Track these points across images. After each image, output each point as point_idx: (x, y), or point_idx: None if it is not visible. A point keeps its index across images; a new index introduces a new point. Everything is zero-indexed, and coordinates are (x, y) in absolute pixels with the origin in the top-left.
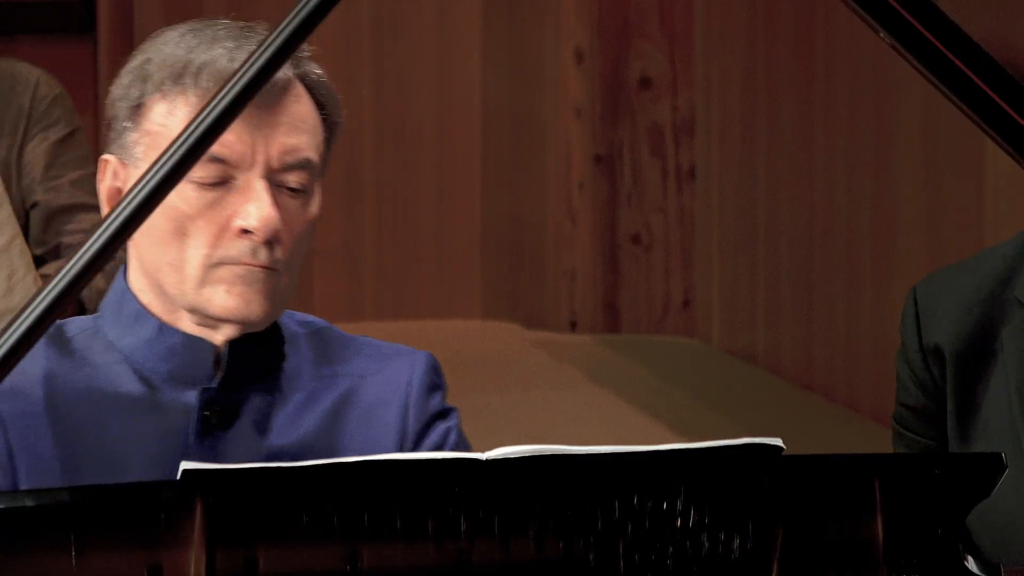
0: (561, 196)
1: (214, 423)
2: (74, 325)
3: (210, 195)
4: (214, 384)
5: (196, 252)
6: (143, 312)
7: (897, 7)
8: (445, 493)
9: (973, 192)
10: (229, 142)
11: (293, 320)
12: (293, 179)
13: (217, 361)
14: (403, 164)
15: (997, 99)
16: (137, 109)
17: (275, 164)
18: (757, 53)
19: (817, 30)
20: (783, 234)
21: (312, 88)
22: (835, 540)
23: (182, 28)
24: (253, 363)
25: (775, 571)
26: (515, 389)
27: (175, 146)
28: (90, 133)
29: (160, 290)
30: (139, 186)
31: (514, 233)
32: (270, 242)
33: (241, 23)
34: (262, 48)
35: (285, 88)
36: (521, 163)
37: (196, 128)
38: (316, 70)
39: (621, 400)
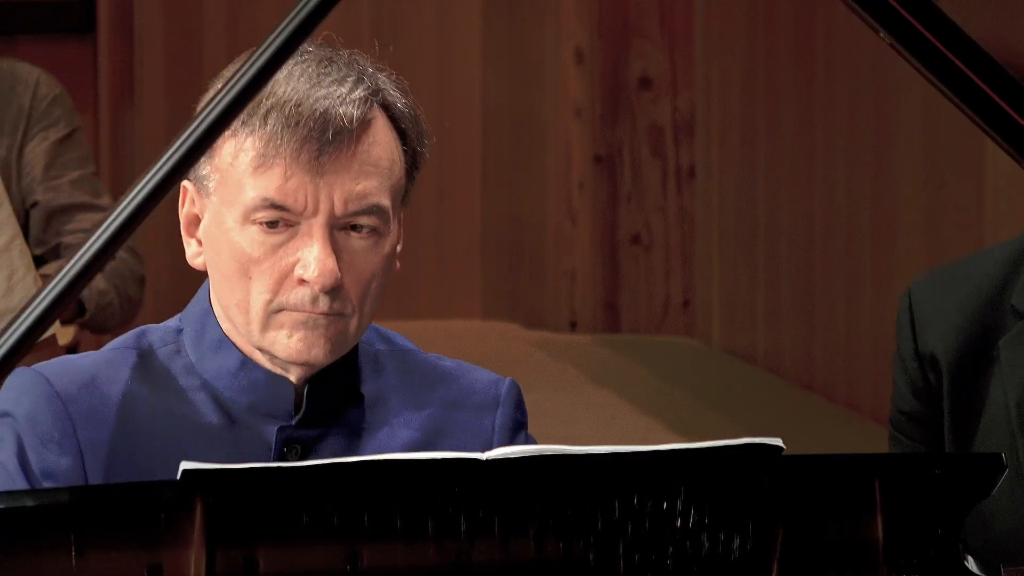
0: (561, 196)
1: (292, 459)
2: (157, 336)
3: (274, 239)
4: (292, 423)
5: (259, 296)
6: (226, 341)
7: (897, 7)
8: (445, 493)
9: (973, 192)
10: (291, 190)
11: (377, 336)
12: (361, 223)
13: (298, 397)
14: None
15: (997, 99)
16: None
17: (339, 212)
18: (757, 53)
19: (817, 30)
20: (783, 234)
21: (394, 119)
22: (835, 540)
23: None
24: (333, 400)
25: (775, 571)
26: None
27: (175, 146)
28: (90, 133)
29: (233, 323)
30: (139, 186)
31: (514, 233)
32: (333, 291)
33: (326, 51)
34: (262, 48)
35: (362, 129)
36: (521, 163)
37: (196, 128)
38: (401, 100)
39: (621, 400)
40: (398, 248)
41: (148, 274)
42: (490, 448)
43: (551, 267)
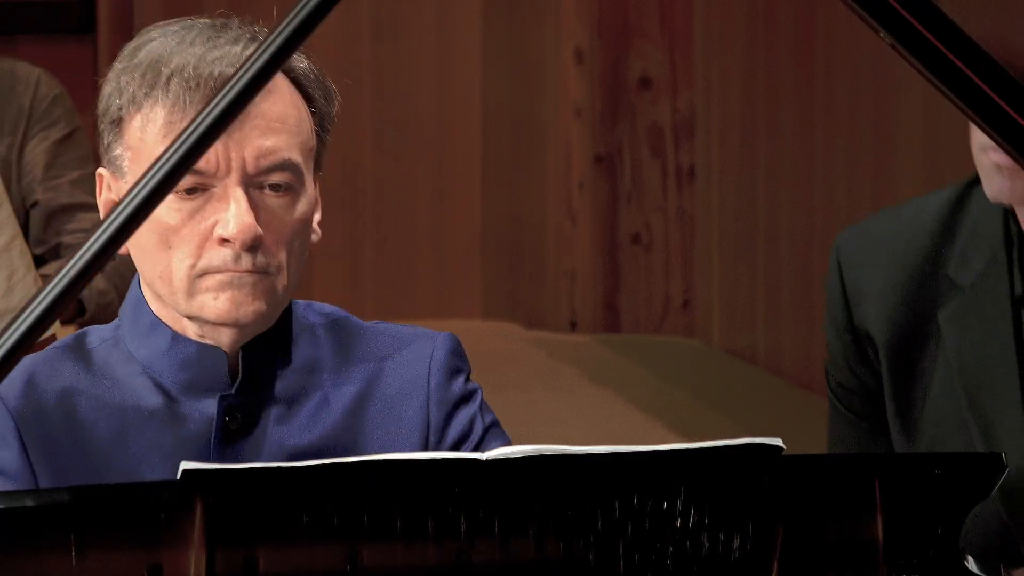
0: (561, 196)
1: (234, 429)
2: (95, 335)
3: (190, 204)
4: (232, 391)
5: (181, 263)
6: (157, 322)
7: (897, 7)
8: (445, 493)
9: None
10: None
11: (312, 311)
12: (275, 180)
13: (232, 368)
14: (403, 164)
15: (997, 99)
16: (118, 124)
17: (251, 169)
18: (757, 53)
19: (817, 30)
20: (783, 234)
21: (297, 82)
22: (835, 540)
23: (157, 31)
24: (268, 365)
25: (775, 571)
26: (515, 389)
27: (175, 146)
28: (90, 133)
29: (161, 300)
30: (139, 186)
31: (514, 233)
32: (253, 247)
33: (219, 20)
34: (262, 48)
35: (264, 88)
36: (521, 163)
37: (196, 128)
38: (301, 62)
39: (621, 400)
40: (317, 216)
41: None
42: (428, 402)
43: (551, 267)
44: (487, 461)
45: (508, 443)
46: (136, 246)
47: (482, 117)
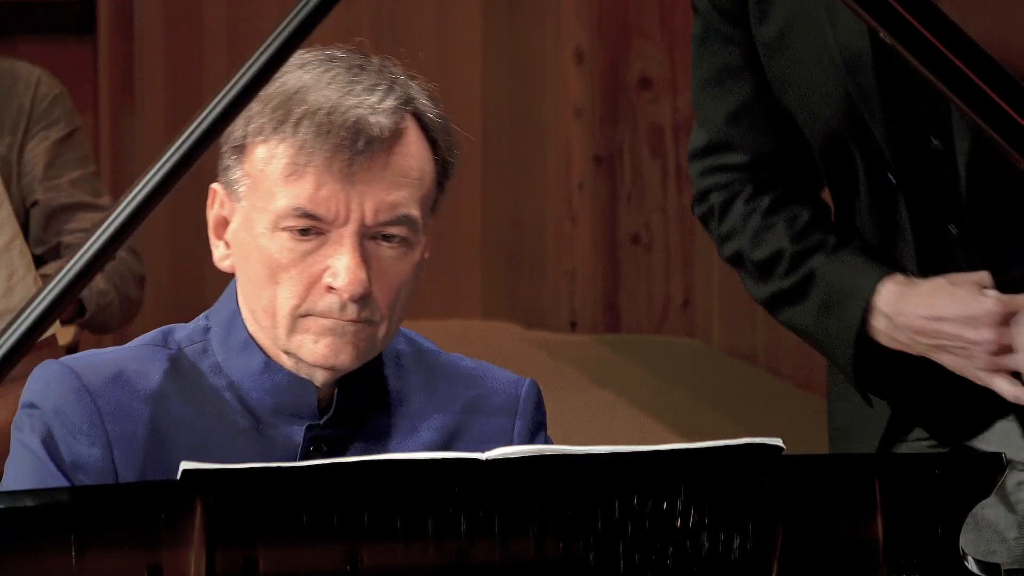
0: (561, 196)
1: (318, 459)
2: (184, 335)
3: (304, 246)
4: (320, 422)
5: (287, 301)
6: (251, 342)
7: (897, 7)
8: (445, 493)
9: None
10: (322, 199)
11: (400, 338)
12: (391, 232)
13: (322, 398)
14: None
15: (997, 99)
16: (240, 149)
17: (369, 221)
18: None
19: None
20: None
21: (427, 129)
22: (835, 540)
23: (295, 61)
24: (361, 403)
25: (775, 571)
26: None
27: (175, 146)
28: (90, 133)
29: (259, 324)
30: (139, 186)
31: (514, 233)
32: (362, 300)
33: (356, 57)
34: (262, 48)
35: (394, 139)
36: (521, 163)
37: (196, 128)
38: (433, 110)
39: (621, 400)
40: (426, 255)
41: (148, 274)
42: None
43: (551, 267)
44: (487, 461)
45: None
46: (244, 272)
47: (482, 117)
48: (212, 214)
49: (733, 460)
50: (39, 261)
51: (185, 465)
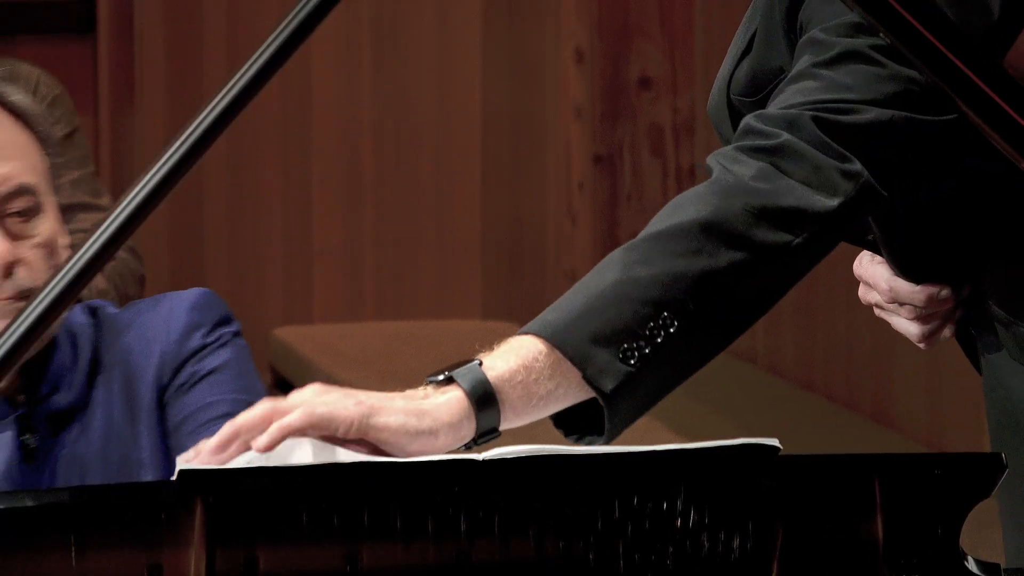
0: (561, 196)
1: (33, 446)
2: None
3: None
4: (22, 411)
5: None
6: None
7: (897, 7)
8: (445, 493)
9: None
10: None
11: (79, 311)
12: (16, 206)
13: (8, 390)
14: (403, 164)
15: (997, 99)
16: None
17: None
18: None
19: None
20: None
21: (14, 112)
22: (835, 540)
23: None
24: (44, 380)
25: (775, 571)
26: None
27: (175, 146)
28: (90, 133)
29: None
30: (139, 186)
31: (514, 233)
32: (8, 274)
33: None
34: (263, 48)
35: None
36: (521, 163)
37: (196, 128)
38: (14, 95)
39: None
40: (65, 240)
41: (148, 274)
42: (161, 372)
43: (551, 267)
44: (487, 461)
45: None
46: None
47: (482, 117)
48: None
49: (733, 460)
50: None
51: (182, 465)
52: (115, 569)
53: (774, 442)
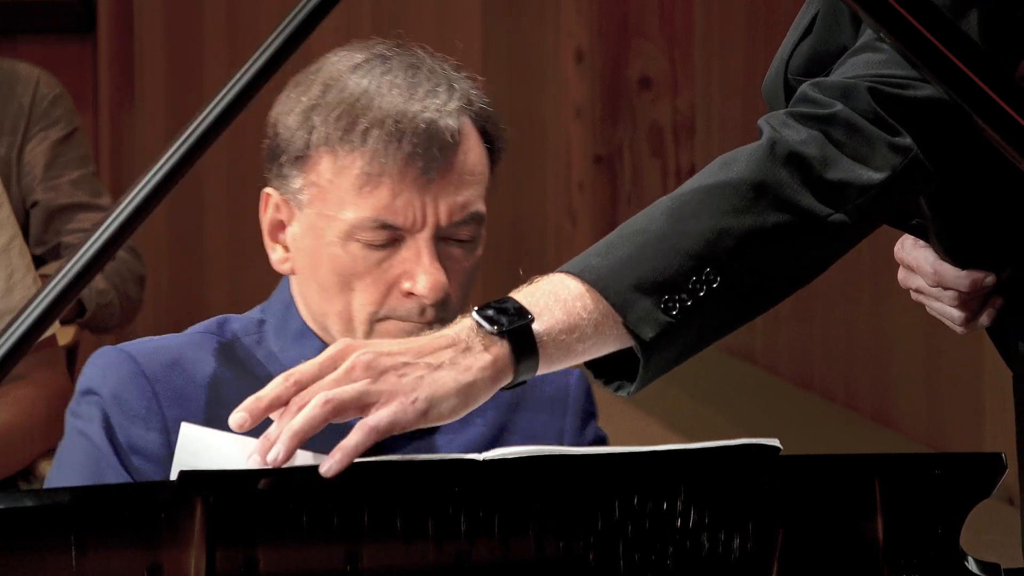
0: (561, 196)
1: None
2: (239, 325)
3: (378, 254)
4: None
5: (362, 308)
6: (308, 331)
7: (897, 7)
8: (445, 493)
9: None
10: (399, 208)
11: None
12: (463, 233)
13: None
14: None
15: (997, 99)
16: (303, 160)
17: (444, 223)
18: (757, 53)
19: None
20: None
21: (482, 123)
22: (835, 540)
23: (345, 63)
24: None
25: (775, 571)
26: None
27: (175, 146)
28: (90, 133)
29: (324, 327)
30: (139, 186)
31: (514, 233)
32: (441, 302)
33: (407, 56)
34: (263, 48)
35: (457, 141)
36: (521, 163)
37: (196, 128)
38: (483, 101)
39: (620, 400)
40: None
41: (148, 274)
42: (559, 440)
43: (551, 267)
44: (487, 461)
45: None
46: (312, 278)
47: None
48: (267, 218)
49: (733, 460)
50: (39, 261)
51: (182, 468)
52: (115, 569)
53: (774, 442)
